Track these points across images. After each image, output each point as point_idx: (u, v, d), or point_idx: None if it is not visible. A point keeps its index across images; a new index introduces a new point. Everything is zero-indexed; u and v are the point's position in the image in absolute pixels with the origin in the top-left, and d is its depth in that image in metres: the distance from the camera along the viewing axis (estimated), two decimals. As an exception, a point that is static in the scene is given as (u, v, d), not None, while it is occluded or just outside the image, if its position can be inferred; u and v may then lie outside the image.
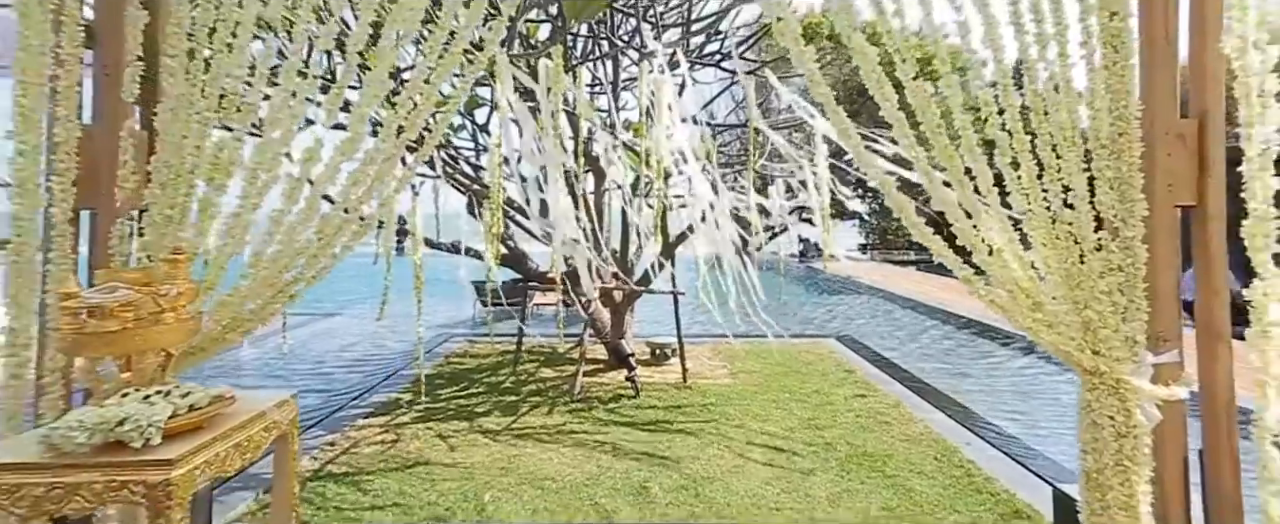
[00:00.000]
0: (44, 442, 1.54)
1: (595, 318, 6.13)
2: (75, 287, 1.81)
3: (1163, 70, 2.36)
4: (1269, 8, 2.10)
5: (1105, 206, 2.32)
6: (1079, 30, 2.39)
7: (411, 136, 2.34)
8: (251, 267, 2.28)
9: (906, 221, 2.43)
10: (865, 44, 2.41)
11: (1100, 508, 2.23)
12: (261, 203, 2.32)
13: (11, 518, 1.52)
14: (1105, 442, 2.25)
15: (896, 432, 4.35)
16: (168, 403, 1.67)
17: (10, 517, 1.49)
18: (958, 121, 2.37)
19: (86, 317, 1.77)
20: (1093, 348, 2.28)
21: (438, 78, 2.38)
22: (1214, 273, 2.36)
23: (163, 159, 2.30)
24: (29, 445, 1.57)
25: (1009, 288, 2.35)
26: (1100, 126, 2.33)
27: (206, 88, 2.34)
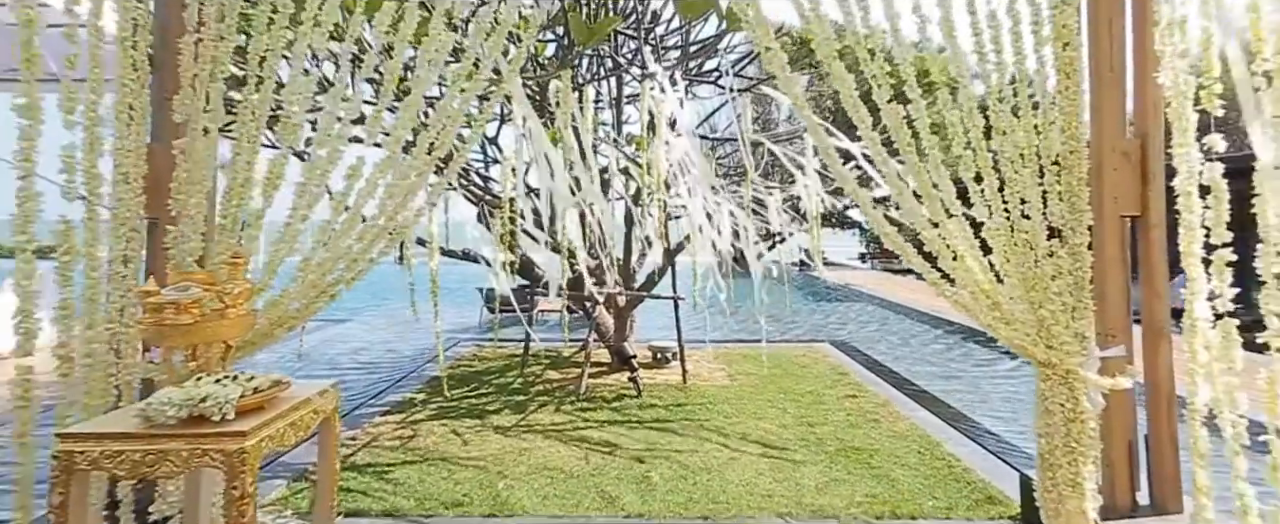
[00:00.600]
0: (140, 415, 1.81)
1: (599, 322, 6.40)
2: (155, 286, 2.09)
3: (1109, 96, 2.65)
4: (1197, 46, 2.37)
5: (1057, 217, 2.60)
6: (1035, 60, 2.68)
7: (441, 155, 2.63)
8: (300, 270, 2.55)
9: (878, 230, 2.71)
10: (844, 71, 2.70)
11: (1051, 485, 2.49)
12: (309, 214, 2.60)
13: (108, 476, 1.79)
14: (1056, 427, 2.51)
15: (884, 428, 4.61)
16: (237, 386, 1.94)
17: (111, 475, 1.76)
18: (925, 141, 2.65)
19: (166, 312, 2.06)
20: (1046, 343, 2.54)
21: (464, 102, 2.67)
22: (1155, 276, 2.63)
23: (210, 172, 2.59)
24: (128, 419, 1.84)
25: (971, 289, 2.62)
26: (1052, 145, 2.60)
27: (256, 110, 2.63)
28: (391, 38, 2.69)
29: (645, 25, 4.63)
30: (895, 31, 2.66)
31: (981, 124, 2.65)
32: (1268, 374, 2.09)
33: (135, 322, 2.30)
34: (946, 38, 2.69)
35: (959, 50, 2.67)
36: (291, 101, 2.67)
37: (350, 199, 2.57)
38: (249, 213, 2.64)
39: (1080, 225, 2.59)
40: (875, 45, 2.64)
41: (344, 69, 2.65)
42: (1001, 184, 2.63)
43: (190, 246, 2.52)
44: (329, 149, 2.57)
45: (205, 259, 2.57)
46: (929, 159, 2.62)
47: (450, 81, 2.70)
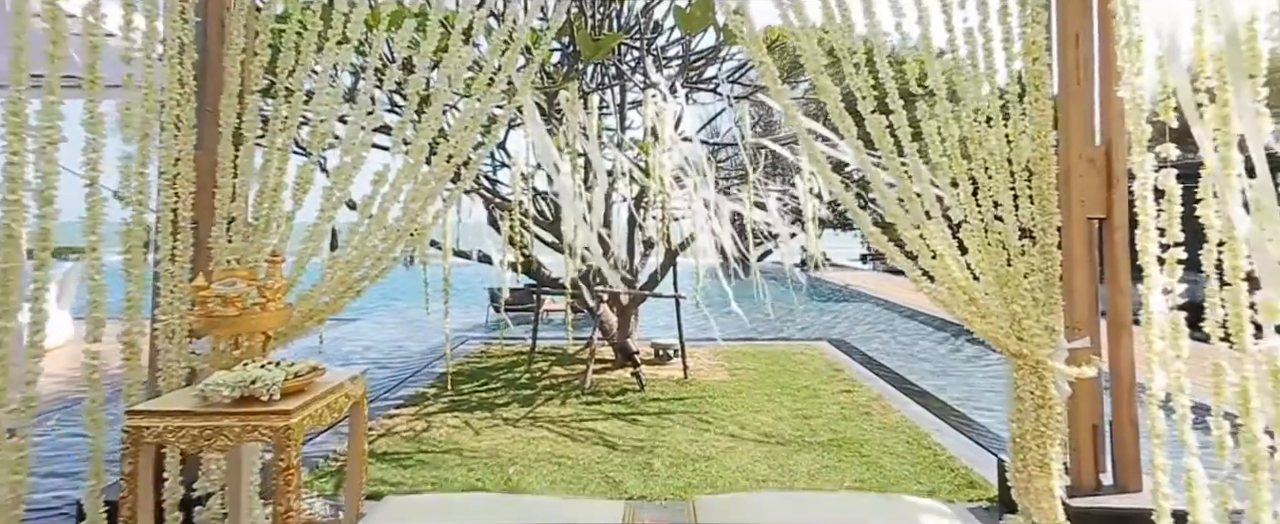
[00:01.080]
0: (198, 395, 2.03)
1: (603, 319, 6.61)
2: (205, 282, 2.31)
3: (1076, 106, 2.85)
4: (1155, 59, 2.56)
5: (1028, 219, 2.80)
6: (1006, 73, 2.88)
7: (459, 161, 2.84)
8: (329, 267, 2.77)
9: (864, 231, 2.91)
10: (830, 84, 2.90)
11: (1021, 466, 2.69)
12: (334, 215, 2.82)
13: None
14: (1027, 412, 2.71)
15: (875, 420, 4.81)
16: (281, 371, 2.15)
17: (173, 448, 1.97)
18: (906, 148, 2.85)
19: (214, 304, 2.28)
20: (1018, 335, 2.74)
21: (480, 113, 2.89)
22: (1119, 273, 2.83)
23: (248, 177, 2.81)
24: (186, 398, 2.06)
25: (949, 286, 2.81)
26: (1023, 152, 2.80)
27: (287, 120, 2.85)
28: (413, 52, 2.91)
29: (647, 36, 4.84)
30: (877, 49, 2.87)
31: (957, 133, 2.85)
32: (1212, 362, 2.29)
33: (185, 313, 2.52)
34: (925, 53, 2.90)
35: (935, 66, 2.87)
36: (319, 112, 2.89)
37: (375, 203, 2.78)
38: (279, 214, 2.86)
39: (1050, 226, 2.78)
40: (859, 60, 2.84)
41: (368, 82, 2.87)
42: (976, 188, 2.83)
43: (233, 246, 2.74)
44: (353, 155, 2.79)
45: (242, 257, 2.78)
46: (910, 165, 2.82)
47: (464, 87, 2.92)
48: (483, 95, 2.86)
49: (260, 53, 2.92)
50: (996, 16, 2.82)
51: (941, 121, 2.85)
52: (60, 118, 2.09)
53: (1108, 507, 2.64)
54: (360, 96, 2.82)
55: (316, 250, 2.81)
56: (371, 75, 2.86)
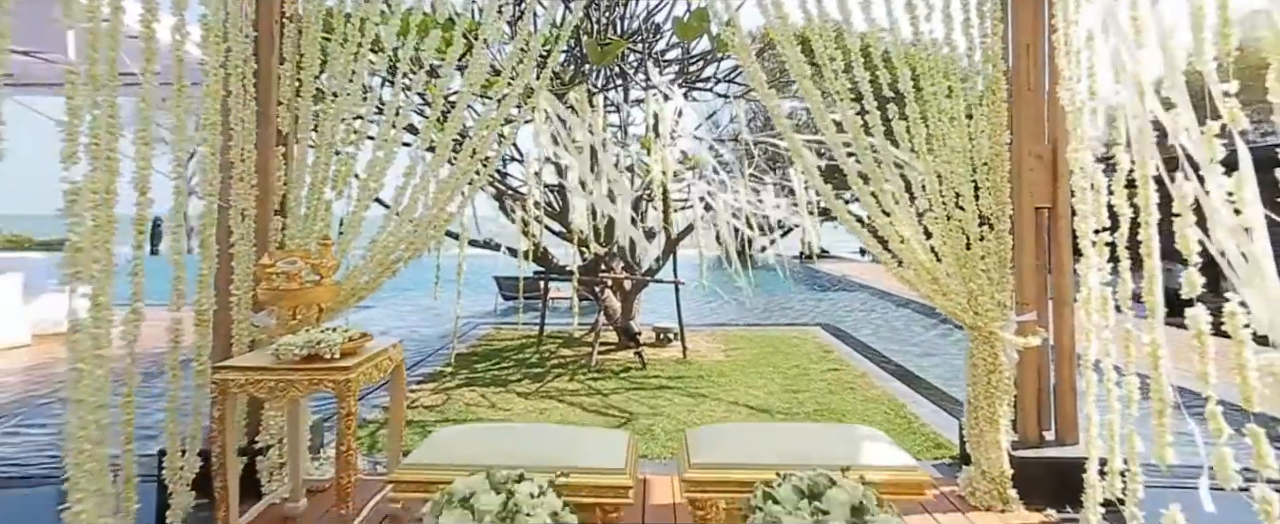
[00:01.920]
0: (273, 354, 2.39)
1: (607, 304, 6.98)
2: (271, 260, 2.68)
3: (1028, 109, 3.18)
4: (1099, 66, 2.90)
5: (985, 208, 3.14)
6: (958, 76, 3.21)
7: (482, 157, 3.20)
8: (369, 250, 3.13)
9: (840, 218, 3.26)
10: (813, 87, 3.24)
11: (975, 423, 3.05)
12: (369, 205, 3.17)
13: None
14: (980, 377, 3.07)
15: (859, 395, 5.17)
16: (338, 335, 2.52)
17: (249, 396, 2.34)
18: (879, 145, 3.19)
19: (279, 280, 2.64)
20: (974, 310, 3.10)
21: (500, 114, 3.24)
22: (1062, 255, 3.18)
23: (301, 172, 3.16)
24: (263, 357, 2.43)
25: (914, 267, 3.17)
26: (981, 149, 3.15)
27: (331, 122, 3.20)
28: (440, 59, 3.26)
29: (648, 40, 5.18)
30: (854, 57, 3.20)
31: (924, 132, 3.19)
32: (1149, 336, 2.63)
33: (255, 287, 2.88)
34: (898, 60, 3.23)
35: (904, 72, 3.20)
36: (355, 114, 3.24)
37: (406, 195, 3.13)
38: (323, 204, 3.22)
39: (1004, 215, 3.14)
40: (837, 68, 3.18)
41: (398, 86, 3.22)
42: (940, 181, 3.17)
43: (286, 232, 3.10)
44: (386, 151, 3.14)
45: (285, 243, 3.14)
46: (882, 160, 3.16)
47: (483, 89, 3.27)
48: (501, 98, 3.21)
49: (305, 65, 3.27)
50: (960, 29, 3.16)
51: (911, 121, 3.19)
52: (155, 121, 2.44)
53: (1046, 456, 3.00)
54: (391, 100, 3.17)
55: (357, 236, 3.17)
56: (401, 80, 3.21)
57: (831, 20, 3.21)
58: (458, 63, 3.23)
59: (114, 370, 2.22)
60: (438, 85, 3.22)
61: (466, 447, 1.71)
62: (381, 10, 3.22)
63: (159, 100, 2.47)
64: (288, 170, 3.15)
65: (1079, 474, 2.77)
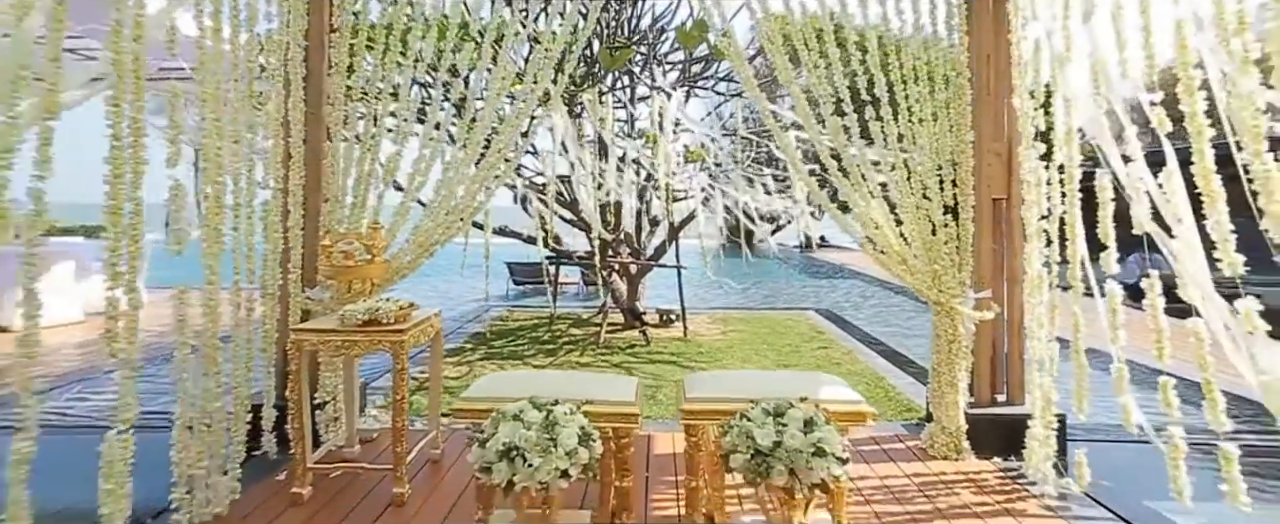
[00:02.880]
0: (339, 318, 2.83)
1: (614, 287, 7.41)
2: (331, 241, 3.11)
3: (986, 111, 3.57)
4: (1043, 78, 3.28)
5: (949, 198, 3.55)
6: (929, 83, 3.60)
7: (505, 155, 3.61)
8: (412, 235, 3.56)
9: (824, 207, 3.67)
10: (800, 92, 3.64)
11: (937, 387, 3.48)
12: (416, 196, 3.59)
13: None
14: (942, 346, 3.49)
15: (844, 369, 5.60)
16: (391, 304, 2.95)
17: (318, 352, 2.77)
18: (856, 141, 3.58)
19: (338, 257, 3.08)
20: (938, 288, 3.51)
21: (522, 115, 3.65)
22: (1014, 238, 3.58)
23: (349, 164, 3.59)
24: (331, 321, 2.86)
25: (887, 250, 3.58)
26: (945, 146, 3.55)
27: (376, 121, 3.62)
28: (472, 64, 3.67)
29: (653, 44, 5.56)
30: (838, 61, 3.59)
31: (896, 131, 3.59)
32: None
33: (304, 266, 3.31)
34: (876, 69, 3.61)
35: (881, 78, 3.59)
36: (398, 114, 3.66)
37: (444, 187, 3.55)
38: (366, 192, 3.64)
39: (966, 205, 3.54)
40: (821, 75, 3.57)
41: (437, 91, 3.63)
42: (909, 174, 3.57)
43: (336, 217, 3.53)
44: (431, 149, 3.56)
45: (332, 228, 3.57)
46: (860, 155, 3.56)
47: (508, 93, 3.68)
48: (524, 100, 3.62)
49: (356, 71, 3.68)
50: (929, 42, 3.55)
51: (885, 122, 3.59)
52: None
53: (995, 413, 3.43)
54: (432, 107, 3.58)
55: (402, 223, 3.60)
56: (440, 87, 3.62)
57: (817, 27, 3.61)
58: (485, 67, 3.64)
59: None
60: (466, 90, 3.63)
61: (510, 385, 2.13)
62: (422, 23, 3.63)
63: (228, 102, 2.88)
64: (335, 163, 3.57)
65: (1023, 428, 3.20)
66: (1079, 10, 2.76)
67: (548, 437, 1.70)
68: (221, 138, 2.69)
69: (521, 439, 1.69)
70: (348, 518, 2.68)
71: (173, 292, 2.48)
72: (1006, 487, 3.03)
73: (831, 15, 3.58)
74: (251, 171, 3.00)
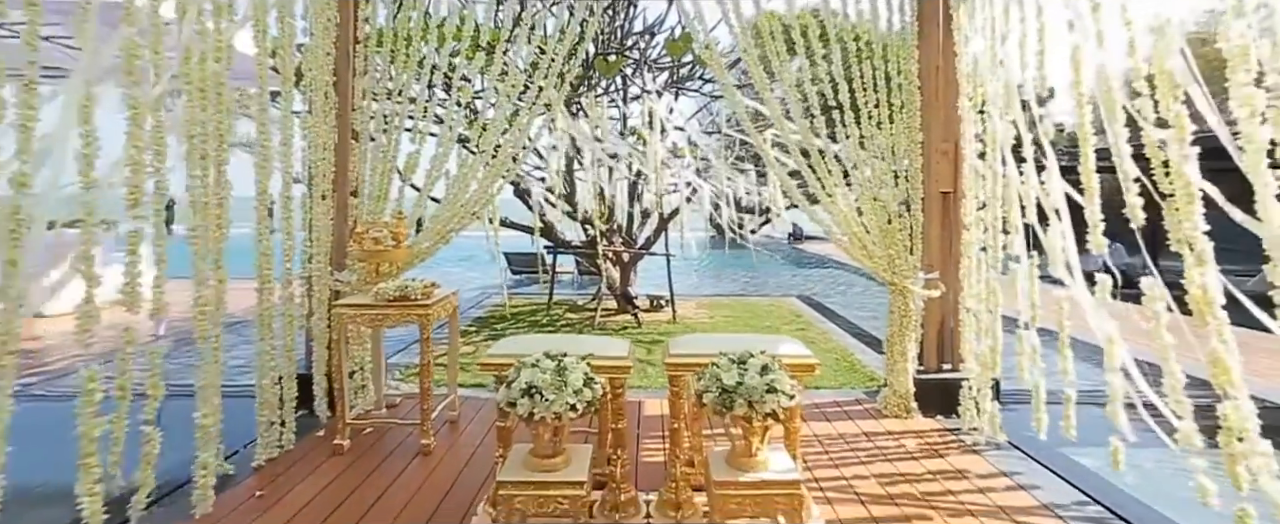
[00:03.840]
0: (373, 296, 3.26)
1: (608, 274, 7.85)
2: (363, 228, 3.53)
3: (935, 114, 4.03)
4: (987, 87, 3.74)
5: (903, 192, 4.01)
6: (886, 90, 4.05)
7: (510, 156, 4.04)
8: (430, 224, 3.98)
9: (795, 201, 4.12)
10: (773, 97, 4.09)
11: (891, 357, 3.95)
12: (432, 191, 4.02)
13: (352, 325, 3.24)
14: (896, 320, 3.96)
15: (817, 347, 6.08)
16: (417, 283, 3.38)
17: (358, 325, 3.20)
18: (821, 139, 4.03)
19: (369, 242, 3.50)
20: (893, 270, 3.98)
21: (527, 120, 4.07)
22: (959, 228, 4.05)
23: (374, 162, 4.00)
24: (366, 296, 3.29)
25: (849, 237, 4.04)
26: (900, 145, 4.01)
27: (396, 123, 4.03)
28: (485, 73, 4.09)
29: (644, 50, 5.99)
30: (806, 70, 4.04)
31: (857, 134, 4.04)
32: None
33: (348, 249, 3.73)
34: (841, 79, 4.05)
35: (843, 86, 4.04)
36: (416, 117, 4.07)
37: (456, 184, 3.98)
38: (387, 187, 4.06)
39: (917, 197, 4.01)
40: (791, 82, 4.01)
41: (453, 97, 4.05)
42: (869, 171, 4.03)
43: (360, 208, 3.95)
44: (445, 147, 3.98)
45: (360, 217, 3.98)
46: (825, 153, 4.02)
47: (515, 98, 4.11)
48: (529, 106, 4.05)
49: (379, 77, 4.09)
50: (882, 52, 4.00)
51: (847, 126, 4.04)
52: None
53: (939, 377, 3.91)
54: (446, 113, 4.00)
55: (419, 214, 4.02)
56: (455, 94, 4.04)
57: (789, 40, 4.05)
58: (496, 80, 4.05)
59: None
60: (480, 93, 4.05)
61: (526, 344, 2.57)
62: (437, 34, 4.04)
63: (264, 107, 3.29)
64: (360, 161, 3.99)
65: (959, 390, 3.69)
66: (1000, 34, 3.22)
67: (560, 378, 2.15)
68: (268, 140, 3.11)
69: (539, 380, 2.13)
70: (382, 464, 3.13)
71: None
72: (943, 437, 3.51)
73: (803, 31, 4.03)
74: (289, 169, 3.41)
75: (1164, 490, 2.79)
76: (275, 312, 3.25)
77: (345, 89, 3.98)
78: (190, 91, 2.63)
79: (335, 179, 3.88)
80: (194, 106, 2.65)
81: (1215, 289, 2.12)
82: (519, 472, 2.21)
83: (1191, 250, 2.17)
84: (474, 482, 2.94)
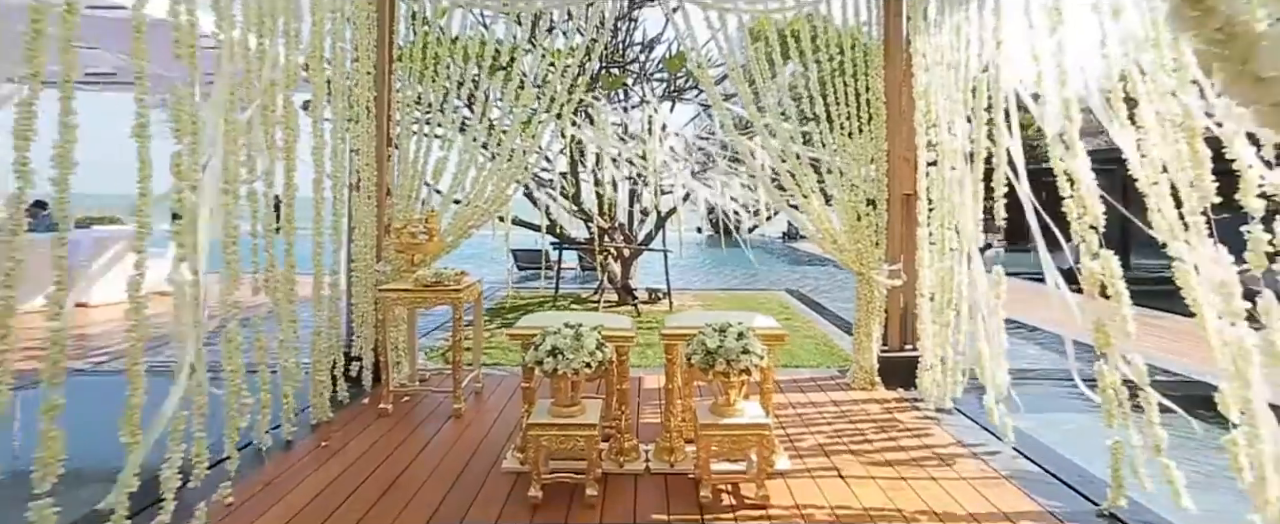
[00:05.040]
0: (413, 282, 3.79)
1: (609, 268, 8.39)
2: (402, 223, 4.06)
3: (898, 127, 4.56)
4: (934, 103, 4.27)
5: (871, 194, 4.54)
6: (856, 104, 4.58)
7: (528, 162, 4.57)
8: (455, 220, 4.51)
9: (775, 204, 4.66)
10: (757, 111, 4.62)
11: (858, 336, 4.49)
12: (456, 194, 4.55)
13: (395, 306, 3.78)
14: (862, 306, 4.50)
15: (801, 333, 6.61)
16: (450, 271, 3.91)
17: (398, 306, 3.74)
18: (798, 147, 4.57)
19: (406, 236, 4.04)
20: (860, 262, 4.51)
21: (542, 128, 4.61)
22: (918, 226, 4.58)
23: (405, 167, 4.53)
24: (406, 282, 3.83)
25: (822, 233, 4.58)
26: (868, 153, 4.54)
27: (428, 131, 4.56)
28: (503, 89, 4.62)
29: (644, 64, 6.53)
30: (786, 88, 4.57)
31: (831, 143, 4.58)
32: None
33: (391, 242, 4.26)
34: (819, 94, 4.59)
35: (820, 101, 4.57)
36: (445, 127, 4.60)
37: (477, 185, 4.51)
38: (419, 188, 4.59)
39: (882, 198, 4.54)
40: (772, 102, 4.55)
41: (477, 109, 4.58)
42: (841, 175, 4.56)
43: (394, 206, 4.48)
44: (471, 154, 4.51)
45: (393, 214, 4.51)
46: (802, 160, 4.55)
47: (530, 110, 4.64)
48: (541, 119, 4.58)
49: (410, 92, 4.61)
50: (851, 72, 4.53)
51: (822, 135, 4.58)
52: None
53: (901, 356, 4.45)
54: (471, 123, 4.53)
55: (444, 212, 4.56)
56: (480, 106, 4.57)
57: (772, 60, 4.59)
58: (515, 97, 4.59)
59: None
60: (499, 103, 4.58)
61: (546, 318, 3.10)
62: (461, 52, 4.58)
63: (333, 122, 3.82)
64: (402, 164, 4.52)
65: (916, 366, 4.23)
66: (948, 63, 3.76)
67: (577, 343, 2.68)
68: (327, 149, 3.64)
69: (561, 343, 2.66)
70: (422, 424, 3.66)
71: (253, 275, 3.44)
72: (900, 404, 4.06)
73: (794, 34, 4.55)
74: (340, 173, 3.94)
75: (1070, 441, 3.33)
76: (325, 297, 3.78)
77: (382, 103, 4.50)
78: (267, 115, 3.15)
79: (376, 182, 4.42)
80: (270, 127, 3.17)
81: (1106, 275, 2.65)
82: (544, 417, 2.75)
83: (1085, 242, 2.71)
84: (500, 438, 3.47)
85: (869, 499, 2.74)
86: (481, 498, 2.75)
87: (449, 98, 4.55)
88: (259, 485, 2.82)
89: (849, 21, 4.51)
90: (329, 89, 3.78)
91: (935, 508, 2.66)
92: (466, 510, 2.64)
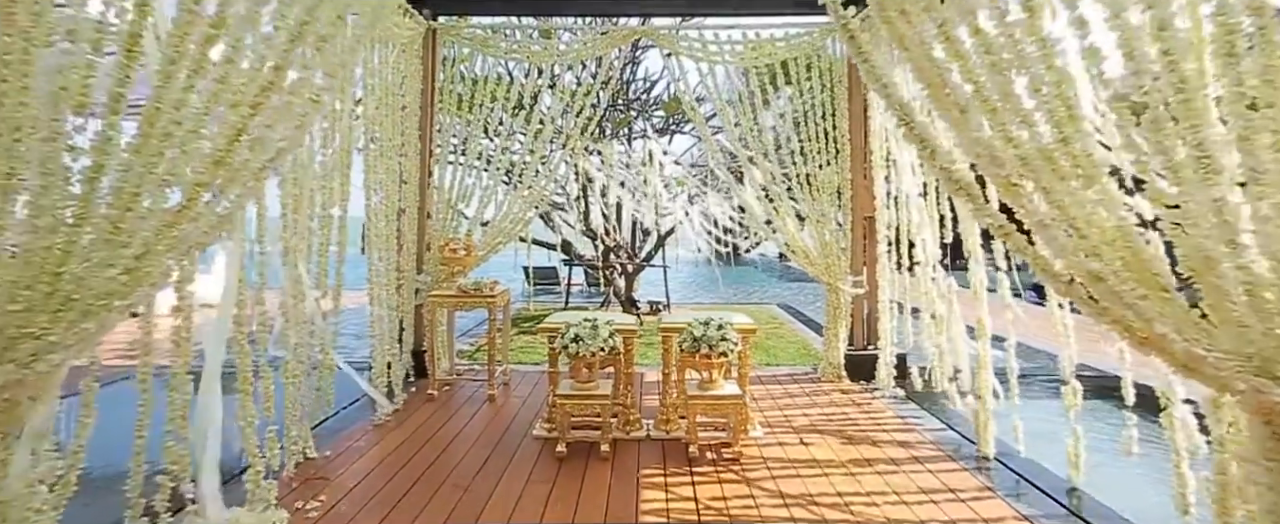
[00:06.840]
0: (455, 289, 4.55)
1: (614, 283, 9.15)
2: (445, 242, 4.85)
3: (860, 159, 5.35)
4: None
5: (838, 216, 5.32)
6: (825, 141, 5.38)
7: (545, 191, 5.37)
8: (483, 240, 5.30)
9: (756, 225, 5.45)
10: (742, 148, 5.42)
11: (827, 339, 5.24)
12: (484, 217, 5.34)
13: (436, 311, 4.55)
14: (830, 311, 5.25)
15: (787, 340, 7.35)
16: (486, 280, 4.68)
17: (441, 310, 4.51)
18: (775, 170, 5.35)
19: (448, 253, 4.82)
20: (829, 274, 5.28)
21: (556, 161, 5.41)
22: (877, 243, 5.35)
23: (440, 194, 5.33)
24: (450, 288, 4.60)
25: (796, 251, 5.35)
26: (836, 183, 5.33)
27: (459, 160, 5.36)
28: (524, 128, 5.43)
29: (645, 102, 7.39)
30: (768, 130, 5.38)
31: (805, 172, 5.37)
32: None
33: (432, 257, 5.03)
34: (794, 129, 5.39)
35: (795, 140, 5.37)
36: (476, 155, 5.41)
37: (503, 209, 5.30)
38: (453, 211, 5.38)
39: (847, 219, 5.33)
40: (752, 133, 5.35)
41: (500, 141, 5.39)
42: (813, 200, 5.35)
43: (436, 227, 5.27)
44: (495, 180, 5.31)
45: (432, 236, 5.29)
46: (778, 187, 5.34)
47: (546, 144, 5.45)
48: (560, 151, 5.39)
49: (446, 127, 5.43)
50: (821, 113, 5.34)
51: (798, 168, 5.37)
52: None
53: (864, 353, 5.19)
54: (497, 156, 5.35)
55: (474, 228, 5.34)
56: (505, 140, 5.38)
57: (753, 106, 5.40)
58: (535, 131, 5.40)
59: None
60: (523, 142, 5.40)
61: (567, 317, 3.86)
62: (488, 94, 5.40)
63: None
64: (435, 190, 5.32)
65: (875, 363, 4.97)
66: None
67: (594, 332, 3.44)
68: (385, 177, 4.44)
69: (582, 332, 3.42)
70: (463, 407, 4.40)
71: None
72: (862, 395, 4.78)
73: (766, 102, 5.37)
74: (392, 199, 4.74)
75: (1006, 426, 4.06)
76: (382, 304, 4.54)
77: (425, 139, 5.32)
78: (340, 156, 3.93)
79: (419, 206, 5.21)
80: (342, 170, 3.95)
81: (982, 281, 3.43)
82: (567, 390, 3.50)
83: (971, 254, 3.49)
84: (529, 416, 4.20)
85: (821, 455, 3.48)
86: (519, 455, 3.49)
87: (475, 133, 5.36)
88: (344, 446, 3.56)
89: (819, 67, 5.34)
90: (387, 130, 4.58)
91: (870, 458, 3.39)
92: (509, 462, 3.38)
